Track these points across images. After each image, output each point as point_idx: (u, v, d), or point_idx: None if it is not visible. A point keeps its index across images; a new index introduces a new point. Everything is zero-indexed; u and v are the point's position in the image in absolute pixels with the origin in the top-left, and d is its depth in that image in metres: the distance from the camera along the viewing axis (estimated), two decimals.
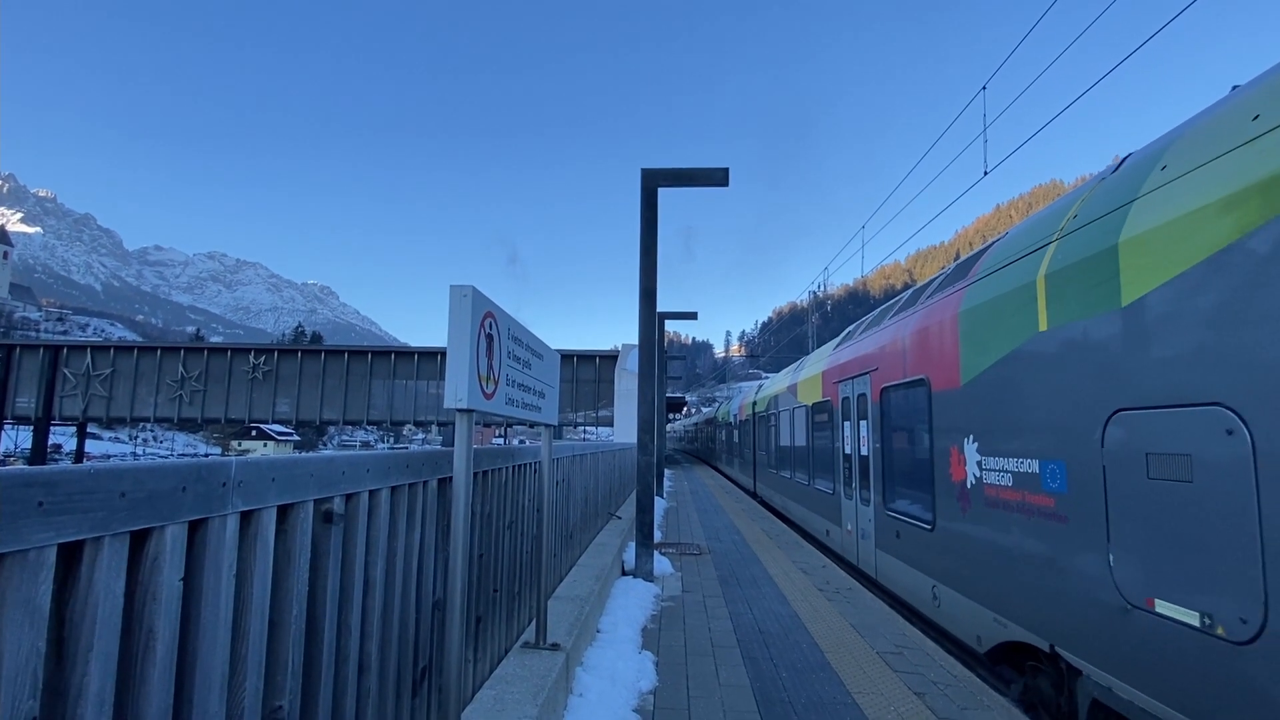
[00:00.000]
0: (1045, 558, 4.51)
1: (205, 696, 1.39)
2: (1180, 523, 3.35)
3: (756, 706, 4.32)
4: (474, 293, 2.40)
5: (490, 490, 3.51)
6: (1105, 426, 3.94)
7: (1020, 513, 4.85)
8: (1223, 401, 3.16)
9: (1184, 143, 3.80)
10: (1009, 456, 5.04)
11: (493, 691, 3.17)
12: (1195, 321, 3.36)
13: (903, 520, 7.32)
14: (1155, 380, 3.59)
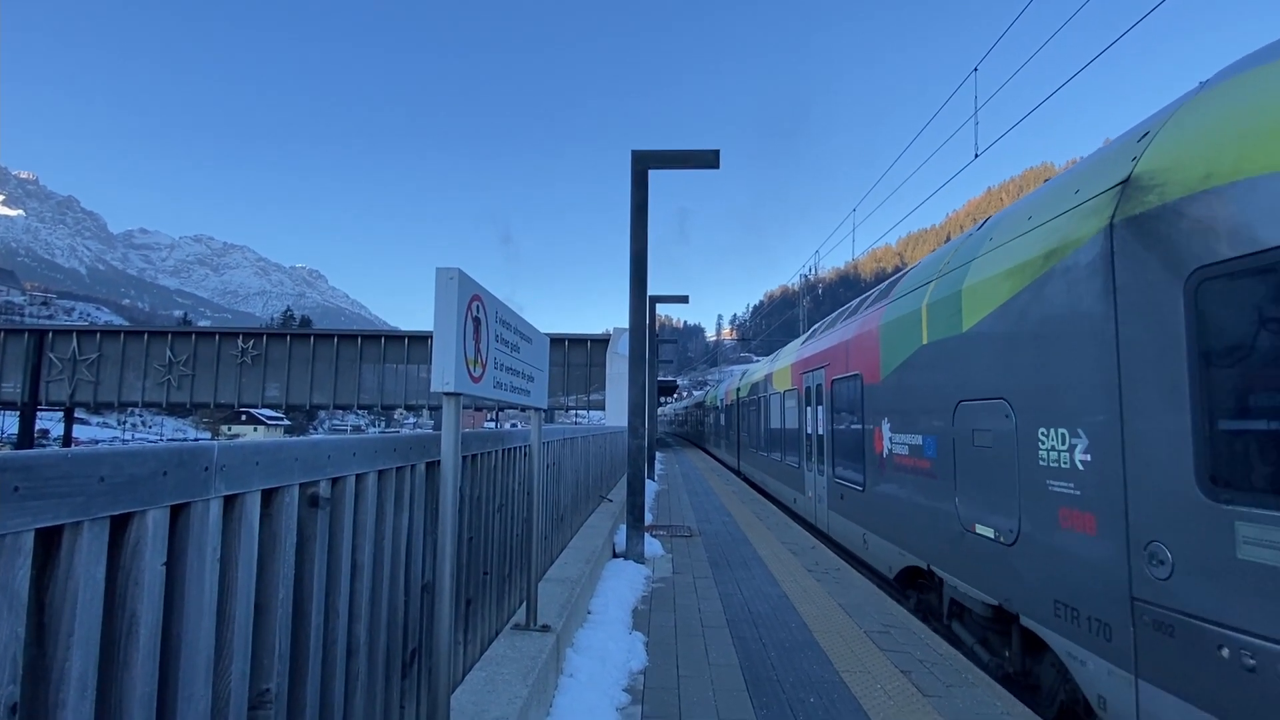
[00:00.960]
0: (925, 504, 6.39)
1: (191, 680, 1.39)
2: (986, 475, 5.20)
3: (745, 685, 4.37)
4: (460, 275, 2.38)
5: (480, 474, 3.51)
6: (954, 412, 5.76)
7: (912, 474, 6.73)
8: (1004, 396, 4.98)
9: (1002, 223, 5.64)
10: (907, 433, 6.89)
11: (483, 672, 3.19)
12: (991, 347, 5.21)
13: (845, 485, 9.12)
14: (976, 382, 5.43)
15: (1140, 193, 3.77)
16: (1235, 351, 3.20)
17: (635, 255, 8.22)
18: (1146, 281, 3.65)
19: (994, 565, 5.06)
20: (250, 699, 1.62)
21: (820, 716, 3.92)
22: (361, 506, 2.19)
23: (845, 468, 9.15)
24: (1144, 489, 3.60)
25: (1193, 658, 3.21)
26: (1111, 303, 3.88)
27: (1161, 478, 3.48)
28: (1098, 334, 4.00)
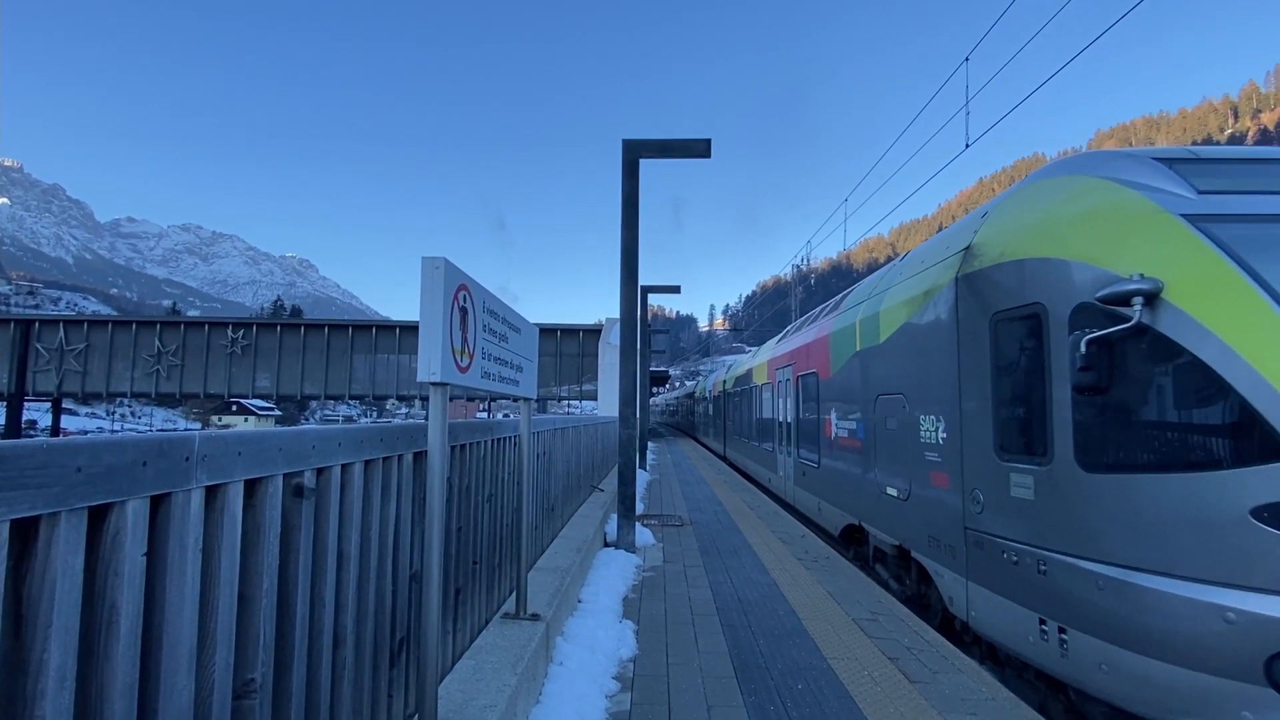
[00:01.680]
0: (857, 475, 8.17)
1: (173, 670, 1.39)
2: (892, 450, 7.02)
3: (734, 672, 4.41)
4: (446, 265, 2.36)
5: (469, 463, 3.51)
6: (875, 404, 7.56)
7: (849, 452, 8.50)
8: (902, 392, 6.72)
9: (908, 262, 7.40)
10: (846, 420, 8.70)
11: (472, 661, 3.20)
12: (896, 355, 6.99)
13: (806, 463, 11.03)
14: (887, 381, 7.20)
15: (972, 259, 5.53)
16: (1009, 368, 4.99)
17: (626, 245, 8.20)
18: (972, 319, 5.44)
19: (897, 516, 6.94)
20: (235, 688, 1.62)
21: (808, 703, 3.95)
22: (347, 496, 2.18)
23: (806, 450, 11.05)
24: (970, 455, 5.40)
25: (991, 562, 5.03)
26: (955, 331, 5.69)
27: (978, 447, 5.27)
28: (949, 351, 5.78)
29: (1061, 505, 4.40)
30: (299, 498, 1.91)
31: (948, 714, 3.83)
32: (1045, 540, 4.49)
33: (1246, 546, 3.44)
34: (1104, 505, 4.13)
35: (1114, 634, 3.94)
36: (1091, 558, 4.14)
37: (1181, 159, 4.83)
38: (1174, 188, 4.44)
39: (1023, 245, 4.96)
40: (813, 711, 3.84)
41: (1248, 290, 3.71)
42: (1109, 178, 4.76)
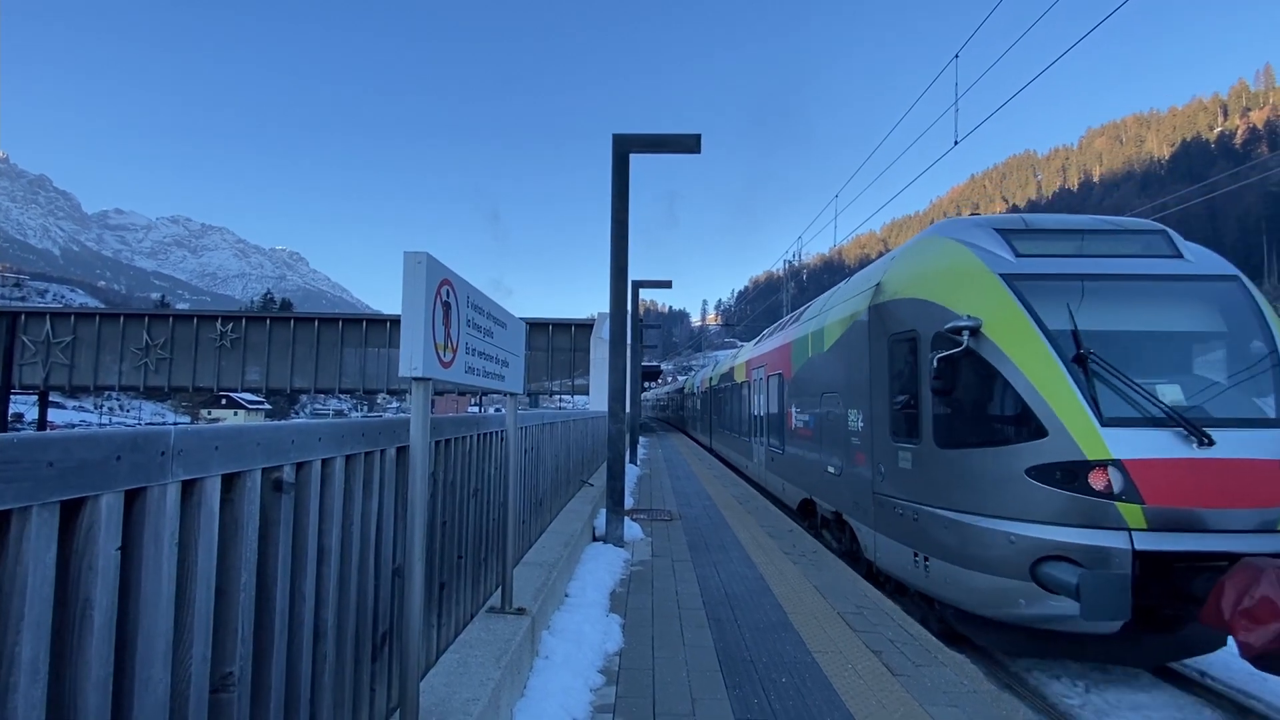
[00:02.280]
0: (808, 458, 10.02)
1: (148, 663, 1.40)
2: (832, 437, 8.65)
3: (719, 666, 4.44)
4: (428, 259, 2.36)
5: (454, 458, 3.51)
6: (821, 399, 9.30)
7: (803, 439, 10.40)
8: (838, 391, 8.45)
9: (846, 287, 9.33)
10: (802, 413, 10.52)
11: (456, 655, 3.22)
12: (836, 361, 8.60)
13: (774, 451, 12.92)
14: (829, 382, 8.87)
15: (880, 293, 7.29)
16: (898, 375, 6.81)
17: (616, 240, 8.20)
18: (878, 338, 7.24)
19: (834, 489, 8.80)
20: (212, 682, 1.63)
21: (791, 695, 3.99)
22: (328, 491, 2.19)
23: (774, 439, 12.96)
24: (877, 439, 7.22)
25: (888, 516, 6.88)
26: (868, 346, 7.50)
27: (881, 433, 7.08)
28: (864, 361, 7.59)
29: (926, 472, 6.27)
30: (278, 492, 1.91)
31: (929, 706, 3.88)
32: (917, 497, 6.36)
33: (1022, 493, 5.30)
34: (948, 471, 5.98)
35: (952, 557, 5.77)
36: (942, 507, 5.98)
37: (1013, 229, 6.64)
38: (1001, 252, 6.31)
39: (908, 287, 6.84)
40: (796, 704, 3.87)
41: (1029, 329, 5.57)
42: (962, 241, 6.61)
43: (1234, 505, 5.00)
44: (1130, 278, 6.11)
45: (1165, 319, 5.97)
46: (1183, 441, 5.14)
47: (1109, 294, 5.99)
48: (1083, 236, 6.58)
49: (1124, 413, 5.28)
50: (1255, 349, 5.81)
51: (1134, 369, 5.49)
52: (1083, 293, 5.90)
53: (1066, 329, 5.59)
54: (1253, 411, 5.46)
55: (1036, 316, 5.64)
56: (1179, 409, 5.29)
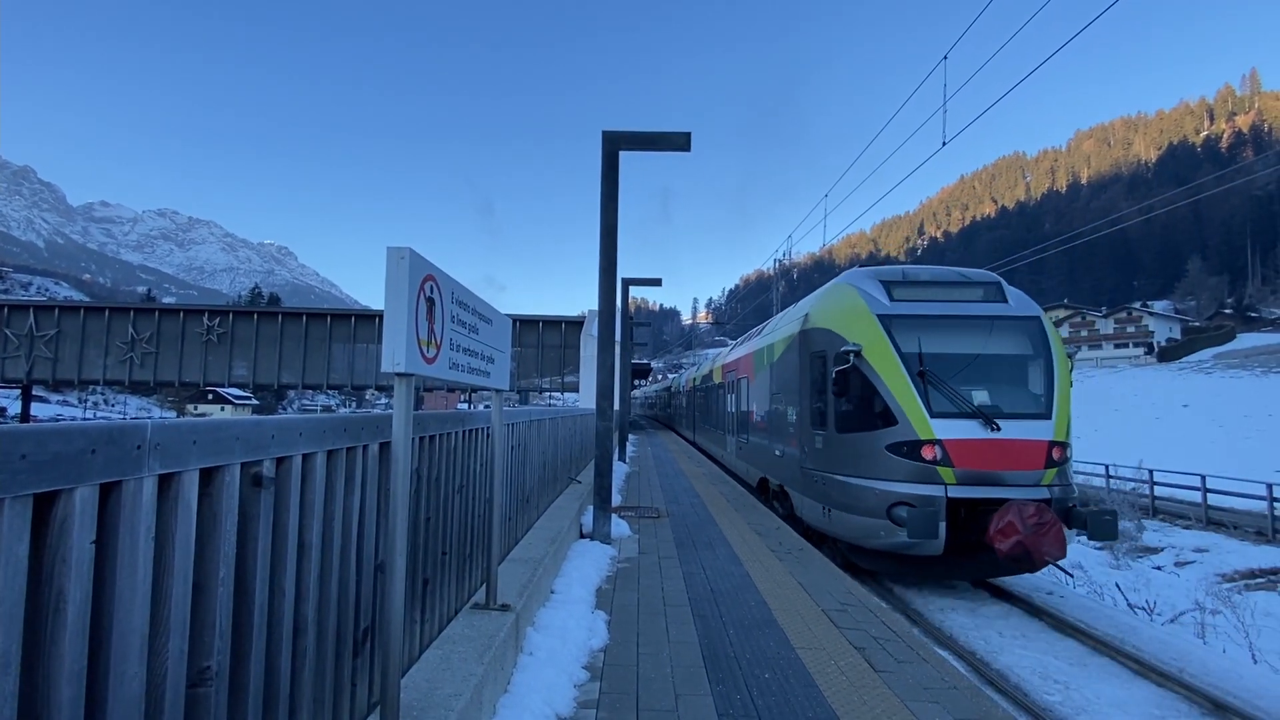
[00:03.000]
0: (764, 445, 12.56)
1: (123, 657, 1.39)
2: (778, 428, 11.54)
3: (703, 662, 4.47)
4: (411, 254, 2.36)
5: (439, 454, 3.51)
6: (771, 398, 11.99)
7: (760, 431, 12.95)
8: (782, 392, 11.32)
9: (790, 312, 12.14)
10: (760, 411, 13.00)
11: (440, 651, 3.22)
12: (781, 370, 11.39)
13: (740, 441, 15.73)
14: (777, 385, 11.63)
15: (806, 322, 9.76)
16: (815, 381, 9.34)
17: (605, 236, 8.20)
18: (804, 354, 9.67)
19: (779, 468, 11.46)
20: (189, 676, 1.63)
21: (774, 691, 4.02)
22: (309, 486, 2.18)
23: (740, 431, 15.76)
24: (803, 428, 9.71)
25: (810, 483, 9.45)
26: (799, 359, 9.99)
27: (805, 424, 9.60)
28: (796, 370, 10.11)
29: (830, 451, 9.02)
30: (258, 487, 1.91)
31: (910, 702, 3.92)
32: (825, 468, 9.11)
33: (882, 462, 8.07)
34: (842, 449, 8.75)
35: (844, 507, 8.58)
36: (838, 474, 8.78)
37: (893, 280, 9.30)
38: (880, 297, 8.96)
39: (821, 319, 9.55)
40: (778, 700, 3.90)
41: (890, 352, 8.29)
42: (857, 288, 9.29)
43: (1010, 469, 7.87)
44: (965, 317, 8.88)
45: (985, 345, 8.69)
46: (981, 427, 7.95)
47: (949, 327, 8.72)
48: (940, 286, 9.33)
49: (945, 409, 8.09)
50: (1039, 367, 8.58)
51: (957, 379, 8.29)
52: (930, 326, 8.64)
53: (915, 352, 8.33)
54: (1029, 408, 8.30)
55: (895, 343, 8.39)
56: (981, 407, 8.12)
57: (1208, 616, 9.64)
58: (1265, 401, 44.60)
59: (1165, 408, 48.52)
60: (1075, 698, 5.96)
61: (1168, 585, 12.41)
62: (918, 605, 8.66)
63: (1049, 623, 8.08)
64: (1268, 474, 20.45)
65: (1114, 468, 23.48)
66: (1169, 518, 20.01)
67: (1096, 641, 7.33)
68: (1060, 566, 8.04)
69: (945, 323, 8.75)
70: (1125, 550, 16.10)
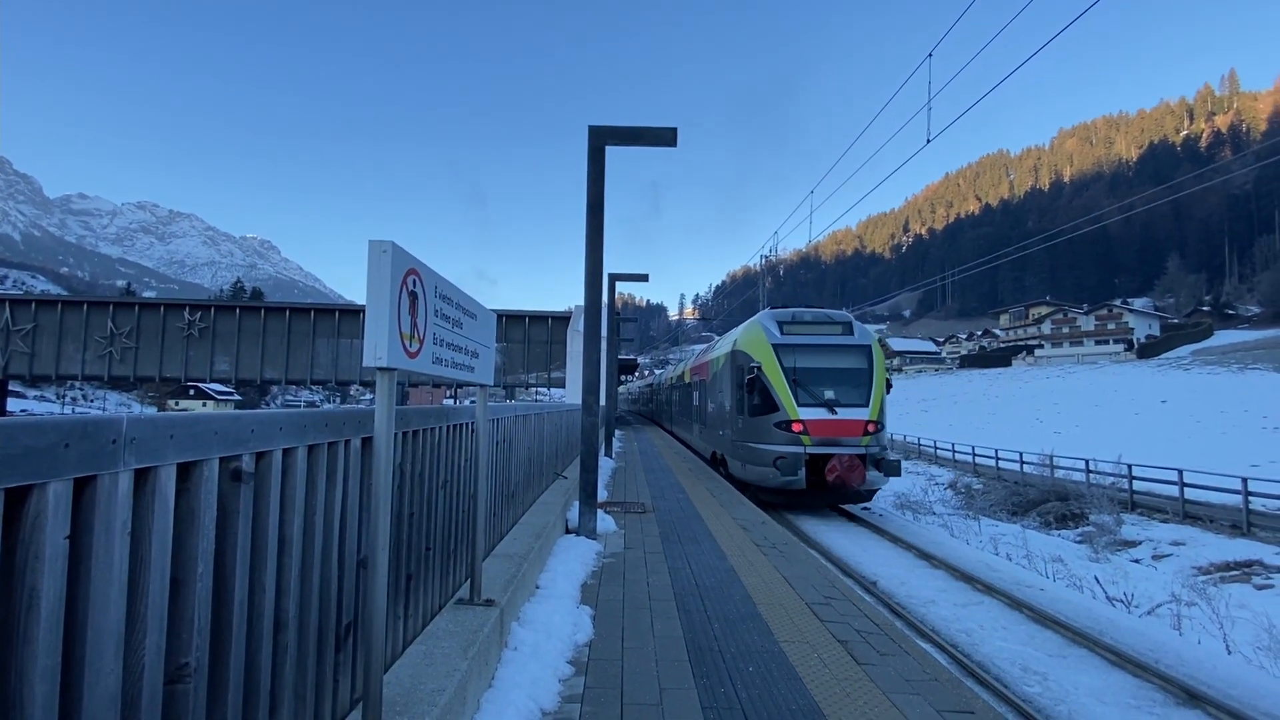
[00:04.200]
0: (713, 429, 18.88)
1: (99, 654, 1.38)
2: (721, 416, 17.58)
3: (688, 656, 4.48)
4: (394, 248, 2.35)
5: (423, 449, 3.50)
6: (720, 395, 17.43)
7: (713, 418, 18.92)
8: (723, 391, 17.25)
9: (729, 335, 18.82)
10: (711, 403, 19.19)
11: (423, 646, 3.21)
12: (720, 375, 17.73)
13: (701, 425, 21.20)
14: (720, 386, 17.64)
15: (735, 345, 16.25)
16: (739, 384, 15.41)
17: (591, 231, 8.18)
18: (734, 365, 15.86)
19: (721, 442, 17.22)
20: (168, 672, 1.61)
21: (757, 684, 4.05)
22: (289, 481, 2.17)
23: (701, 419, 21.45)
24: (733, 415, 15.92)
25: (737, 450, 15.51)
26: (730, 368, 16.22)
27: (735, 412, 15.79)
28: (729, 376, 16.30)
29: (746, 428, 14.92)
30: (237, 482, 1.89)
31: (892, 695, 3.96)
32: (743, 439, 14.99)
33: (772, 433, 14.10)
34: (751, 427, 14.69)
35: (753, 461, 14.48)
36: (749, 442, 14.69)
37: (785, 320, 15.29)
38: (775, 331, 14.89)
39: (742, 345, 15.61)
40: (761, 693, 3.93)
41: (777, 368, 14.25)
42: (762, 325, 15.27)
43: (842, 436, 13.63)
44: (824, 345, 14.76)
45: (834, 362, 14.51)
46: (827, 412, 13.77)
47: (813, 351, 14.60)
48: (813, 324, 15.22)
49: (807, 401, 13.92)
50: (865, 376, 14.34)
51: (814, 384, 14.14)
52: (801, 350, 14.52)
53: (791, 366, 14.20)
54: (856, 400, 14.03)
55: (780, 362, 14.23)
56: (827, 400, 13.92)
57: (1183, 608, 9.80)
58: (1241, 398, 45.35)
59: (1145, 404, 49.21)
60: (1054, 688, 6.06)
61: (1145, 578, 12.61)
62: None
63: (1029, 615, 8.19)
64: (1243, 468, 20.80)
65: (1094, 462, 23.79)
66: (1147, 511, 20.32)
67: (1075, 633, 7.44)
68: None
69: (811, 348, 14.73)
70: (1105, 544, 16.34)
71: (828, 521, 14.63)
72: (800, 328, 15.10)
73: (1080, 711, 5.73)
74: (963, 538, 15.27)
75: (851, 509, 16.08)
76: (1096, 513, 19.75)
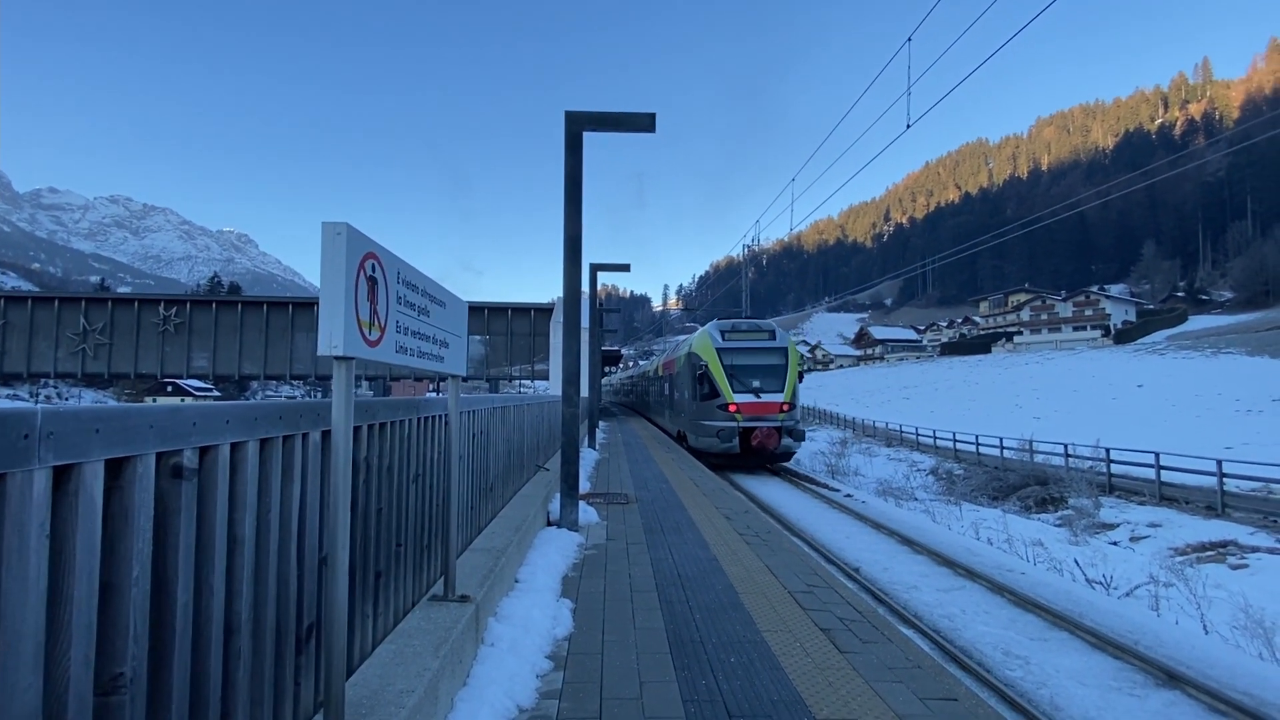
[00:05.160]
0: (678, 411, 24.89)
1: (14, 668, 1.27)
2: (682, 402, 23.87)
3: (669, 648, 4.42)
4: (349, 230, 2.23)
5: (392, 443, 3.38)
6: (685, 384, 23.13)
7: (677, 403, 25.14)
8: (682, 383, 24.00)
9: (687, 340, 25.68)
10: (676, 392, 25.57)
11: (393, 646, 3.11)
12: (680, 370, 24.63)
13: (669, 410, 27.66)
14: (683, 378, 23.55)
15: (692, 348, 22.78)
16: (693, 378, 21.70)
17: (569, 219, 8.05)
18: (689, 365, 22.40)
19: (682, 421, 23.60)
20: (100, 683, 1.50)
21: (739, 676, 3.99)
22: (240, 477, 2.05)
23: (670, 405, 27.09)
24: (692, 400, 21.75)
25: (693, 426, 21.47)
26: (687, 366, 22.81)
27: (693, 398, 21.63)
28: (688, 372, 22.58)
29: (698, 410, 20.94)
30: (178, 479, 1.78)
31: (875, 683, 3.92)
32: (696, 418, 21.02)
33: (715, 413, 20.15)
34: (701, 408, 20.81)
35: (702, 434, 20.39)
36: (700, 420, 20.72)
37: (726, 330, 21.56)
38: (719, 338, 21.18)
39: (695, 349, 22.06)
40: (743, 684, 3.87)
41: (719, 365, 20.46)
42: (709, 333, 21.62)
43: (765, 414, 19.82)
44: (754, 348, 20.88)
45: (760, 360, 20.63)
46: (755, 397, 19.91)
47: (746, 353, 20.73)
48: (747, 332, 21.28)
49: (740, 389, 20.05)
50: (783, 370, 20.55)
51: (746, 377, 20.30)
52: (737, 352, 20.69)
53: (730, 364, 20.37)
54: (775, 388, 20.12)
55: (721, 361, 20.44)
56: (755, 388, 20.05)
57: (1161, 589, 9.91)
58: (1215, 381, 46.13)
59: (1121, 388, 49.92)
60: (1036, 671, 6.08)
61: (1124, 560, 12.76)
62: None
63: (1011, 599, 8.24)
64: (1217, 450, 21.15)
65: (1073, 447, 24.08)
66: (1125, 494, 20.61)
67: (1056, 616, 7.49)
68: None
69: (744, 350, 20.75)
70: (1084, 527, 16.53)
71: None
72: (737, 335, 21.34)
73: (1062, 694, 5.76)
74: (944, 523, 15.36)
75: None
76: (1075, 496, 20.00)
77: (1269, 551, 13.84)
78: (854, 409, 53.69)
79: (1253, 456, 19.99)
